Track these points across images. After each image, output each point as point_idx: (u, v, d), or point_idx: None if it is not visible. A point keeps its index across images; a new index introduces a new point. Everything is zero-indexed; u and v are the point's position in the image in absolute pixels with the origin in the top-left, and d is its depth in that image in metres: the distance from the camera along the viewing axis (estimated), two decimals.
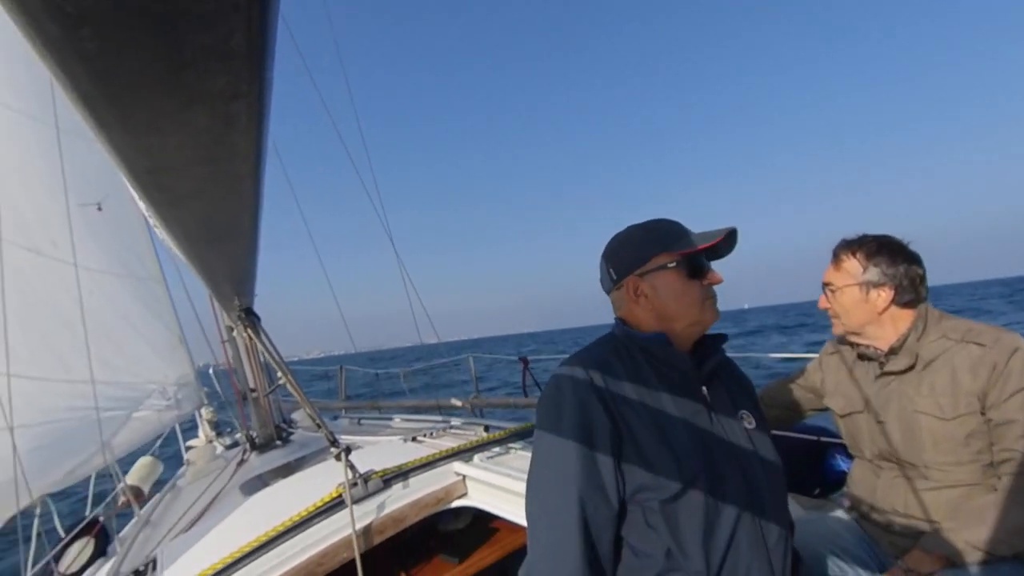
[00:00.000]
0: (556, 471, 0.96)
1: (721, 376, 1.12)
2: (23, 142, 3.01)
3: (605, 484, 0.94)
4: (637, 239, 1.09)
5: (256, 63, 0.44)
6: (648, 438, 0.95)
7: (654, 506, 0.93)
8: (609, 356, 1.05)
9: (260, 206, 0.90)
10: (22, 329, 2.87)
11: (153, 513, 3.14)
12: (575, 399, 0.98)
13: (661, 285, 1.05)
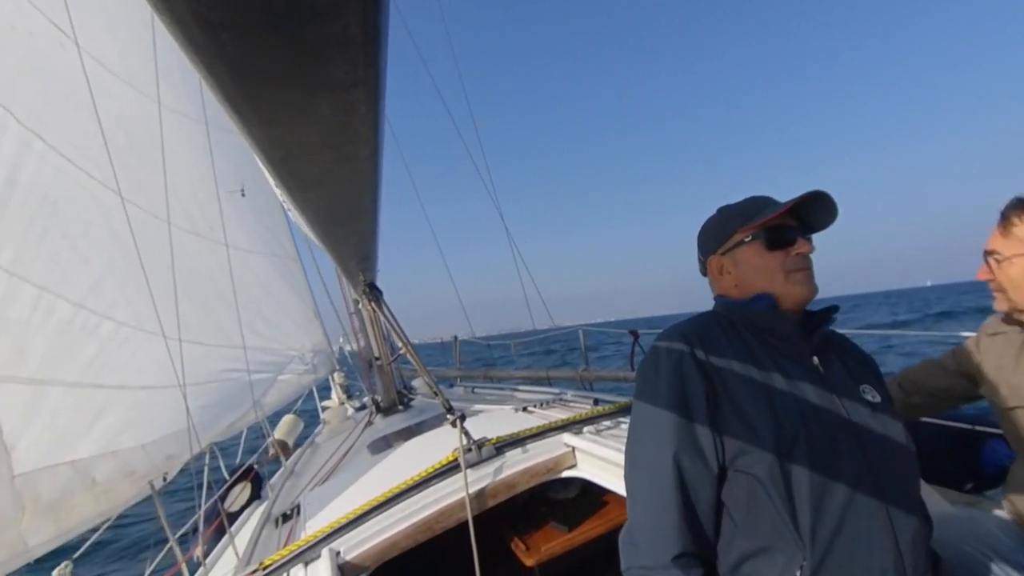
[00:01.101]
0: (652, 434, 0.96)
1: (835, 350, 1.04)
2: (182, 139, 3.43)
3: (702, 446, 0.92)
4: (720, 218, 1.08)
5: (371, 51, 0.47)
6: (748, 403, 0.92)
7: (756, 474, 0.89)
8: (709, 325, 1.03)
9: (379, 187, 0.95)
10: (189, 301, 3.32)
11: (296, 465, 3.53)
12: (670, 364, 0.97)
13: (741, 260, 1.03)
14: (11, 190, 2.14)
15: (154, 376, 2.71)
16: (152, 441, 2.57)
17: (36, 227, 2.24)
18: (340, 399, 5.12)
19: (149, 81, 2.95)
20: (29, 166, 2.23)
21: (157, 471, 2.53)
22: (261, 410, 3.66)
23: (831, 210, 0.98)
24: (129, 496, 2.36)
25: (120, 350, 2.59)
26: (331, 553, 1.55)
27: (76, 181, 2.50)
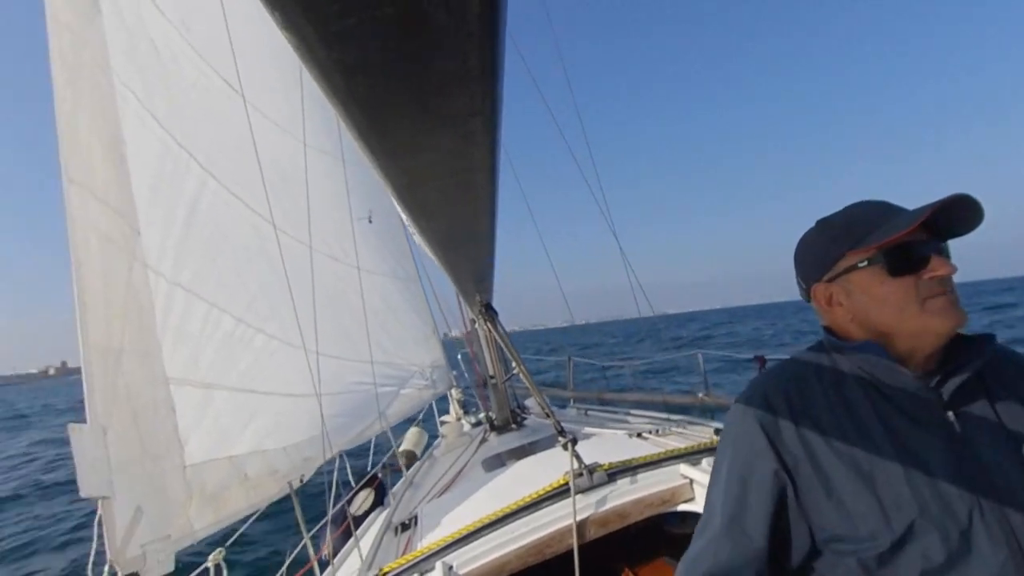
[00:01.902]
0: (710, 498, 0.88)
1: (992, 391, 0.79)
2: (323, 173, 3.84)
3: (747, 530, 0.80)
4: (819, 238, 0.87)
5: (489, 81, 0.50)
6: (845, 483, 0.76)
7: (853, 564, 0.74)
8: (805, 375, 0.86)
9: (496, 212, 1.00)
10: (327, 318, 3.65)
11: (416, 476, 3.69)
12: (739, 431, 0.85)
13: (856, 289, 0.82)
14: (192, 221, 2.52)
15: (296, 385, 3.01)
16: (292, 444, 2.85)
17: (209, 252, 2.62)
18: (457, 415, 5.30)
19: (297, 124, 3.35)
20: (205, 201, 2.63)
21: (296, 472, 2.80)
22: (385, 421, 3.90)
23: (973, 213, 0.75)
24: (273, 492, 2.62)
25: (270, 360, 2.91)
26: (444, 567, 1.61)
27: (239, 213, 2.89)
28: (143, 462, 1.95)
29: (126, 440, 1.89)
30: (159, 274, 2.25)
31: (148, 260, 2.21)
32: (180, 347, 2.30)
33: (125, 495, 1.80)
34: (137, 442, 1.95)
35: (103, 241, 1.97)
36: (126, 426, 1.91)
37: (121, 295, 2.04)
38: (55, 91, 1.82)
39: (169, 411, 2.17)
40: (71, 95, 1.89)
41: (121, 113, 2.13)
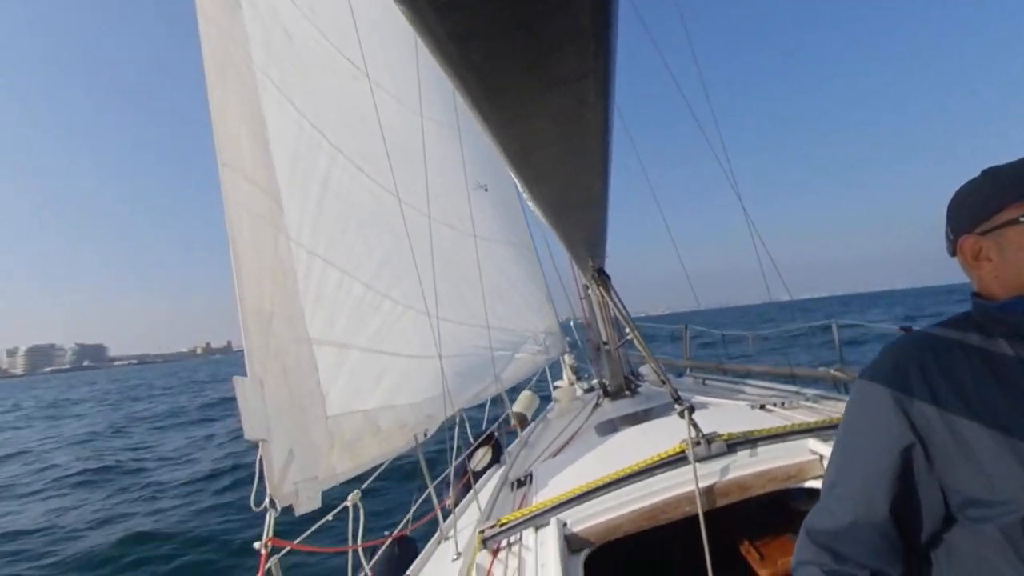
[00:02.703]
0: (834, 465, 0.88)
1: None
2: (440, 144, 3.97)
3: (871, 498, 0.79)
4: (981, 188, 0.82)
5: (602, 39, 0.49)
6: (984, 441, 0.72)
7: (991, 532, 0.70)
8: (953, 338, 0.81)
9: (609, 176, 0.98)
10: (445, 284, 3.84)
11: (530, 436, 3.82)
12: (866, 397, 0.83)
13: (1011, 247, 0.77)
14: (324, 195, 2.74)
15: (419, 347, 3.21)
16: (417, 401, 3.06)
17: (340, 224, 2.84)
18: (570, 380, 5.37)
19: (414, 97, 3.48)
20: (335, 176, 2.84)
21: (420, 427, 3.01)
22: (500, 384, 4.05)
23: None
24: (401, 444, 2.85)
25: (395, 324, 3.13)
26: (559, 523, 1.66)
27: (365, 186, 3.09)
28: (292, 412, 2.21)
29: (278, 392, 2.14)
30: (299, 245, 2.49)
31: (290, 232, 2.45)
32: (318, 311, 2.54)
33: (280, 439, 2.05)
34: (287, 394, 2.21)
35: (253, 216, 2.22)
36: (278, 380, 2.16)
37: (269, 264, 2.29)
38: (207, 84, 2.05)
39: (312, 368, 2.42)
40: (220, 86, 2.11)
41: (262, 99, 2.35)
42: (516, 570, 1.56)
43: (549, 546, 1.54)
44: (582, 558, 1.57)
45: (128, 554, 5.86)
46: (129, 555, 5.84)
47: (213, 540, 6.09)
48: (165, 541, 6.16)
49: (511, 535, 1.75)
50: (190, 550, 5.88)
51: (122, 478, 9.91)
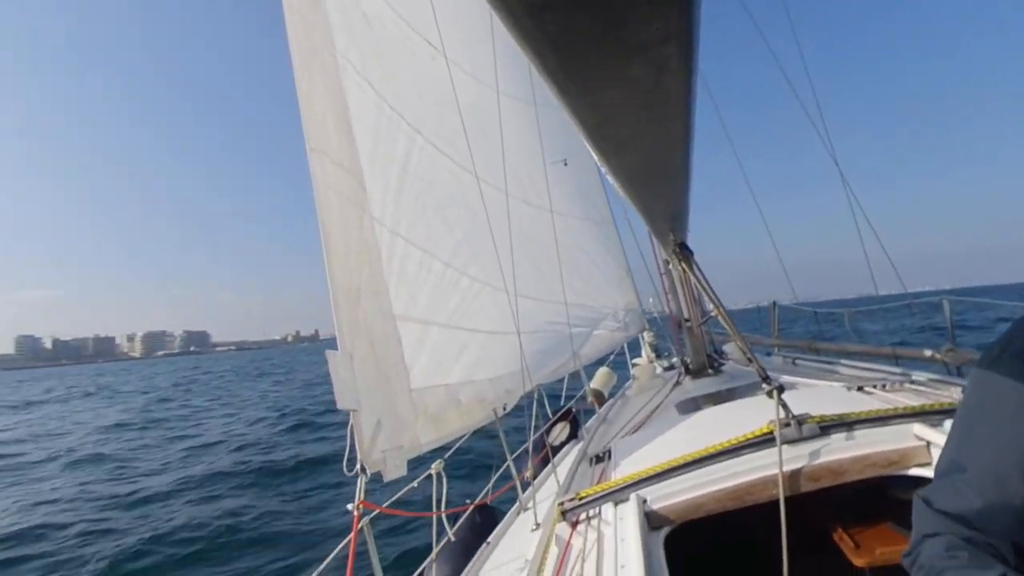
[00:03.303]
0: (953, 444, 0.83)
1: None
2: (516, 120, 3.95)
3: (1006, 483, 0.73)
4: None
5: (685, 1, 0.46)
6: None
7: None
8: None
9: (691, 146, 0.94)
10: (523, 261, 3.85)
11: (608, 413, 3.79)
12: (991, 375, 0.77)
13: None
14: (404, 176, 2.82)
15: (497, 323, 3.26)
16: (496, 376, 3.13)
17: (419, 203, 2.92)
18: (649, 357, 5.27)
19: (490, 73, 3.47)
20: (414, 157, 2.91)
21: (499, 402, 3.08)
22: (578, 360, 4.04)
23: None
24: (481, 418, 2.93)
25: (474, 301, 3.19)
26: (638, 499, 1.64)
27: (443, 165, 3.14)
28: (380, 384, 2.32)
29: (367, 365, 2.26)
30: (382, 224, 2.59)
31: (374, 212, 2.54)
32: (401, 288, 2.64)
33: (368, 409, 2.17)
34: (375, 367, 2.32)
35: (340, 198, 2.32)
36: (366, 353, 2.28)
37: (356, 243, 2.40)
38: (295, 73, 2.16)
39: (397, 342, 2.53)
40: (306, 74, 2.21)
41: (344, 84, 2.44)
42: (595, 543, 1.57)
43: (629, 521, 1.54)
44: (662, 535, 1.55)
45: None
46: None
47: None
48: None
49: (590, 509, 1.76)
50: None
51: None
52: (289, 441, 11.13)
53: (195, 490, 7.93)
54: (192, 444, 11.93)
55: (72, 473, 9.92)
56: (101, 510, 7.37)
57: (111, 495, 8.06)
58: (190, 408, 19.91)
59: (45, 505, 7.77)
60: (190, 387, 31.64)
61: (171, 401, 23.42)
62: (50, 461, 11.11)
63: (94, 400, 27.53)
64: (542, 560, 1.63)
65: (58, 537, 6.39)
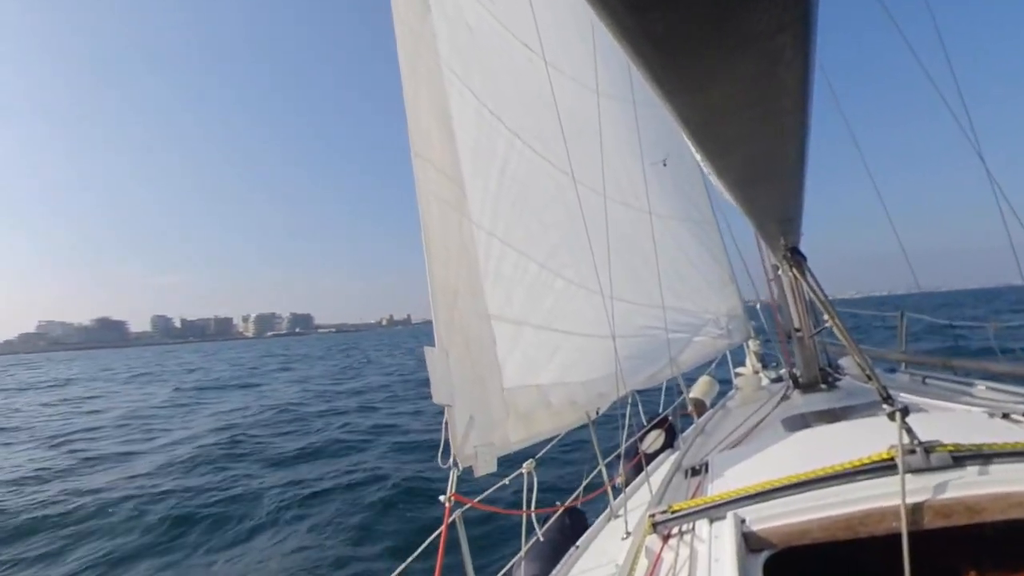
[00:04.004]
0: None
1: None
2: (615, 120, 3.89)
3: None
4: None
5: None
6: None
7: None
8: None
9: (807, 142, 0.88)
10: (619, 264, 3.79)
11: (707, 424, 3.63)
12: None
13: None
14: (502, 179, 2.88)
15: (592, 326, 3.24)
16: (589, 380, 3.10)
17: (516, 206, 2.96)
18: (754, 367, 4.97)
19: (589, 74, 3.45)
20: (513, 160, 2.96)
21: (592, 405, 3.05)
22: (676, 367, 3.90)
23: None
24: (572, 420, 2.92)
25: (569, 303, 3.19)
26: (736, 518, 1.56)
27: (540, 168, 3.17)
28: (473, 381, 2.39)
29: (462, 362, 2.34)
30: (480, 227, 2.66)
31: (472, 216, 2.63)
32: (497, 289, 2.70)
33: (462, 405, 2.25)
34: (469, 365, 2.40)
35: (440, 202, 2.42)
36: (461, 351, 2.36)
37: (455, 245, 2.49)
38: (402, 82, 2.28)
39: (491, 342, 2.60)
40: (413, 83, 2.33)
41: (447, 92, 2.54)
42: (688, 559, 1.51)
43: (725, 541, 1.47)
44: (762, 559, 1.46)
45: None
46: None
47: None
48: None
49: (683, 523, 1.70)
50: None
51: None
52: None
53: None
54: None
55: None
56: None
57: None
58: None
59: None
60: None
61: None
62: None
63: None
64: (631, 571, 1.60)
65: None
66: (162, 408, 17.24)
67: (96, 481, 8.37)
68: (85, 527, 6.45)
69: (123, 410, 17.20)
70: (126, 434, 12.69)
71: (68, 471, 9.21)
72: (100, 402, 20.48)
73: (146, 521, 6.47)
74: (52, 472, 9.13)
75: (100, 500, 7.29)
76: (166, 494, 7.38)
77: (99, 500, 7.29)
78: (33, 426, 14.71)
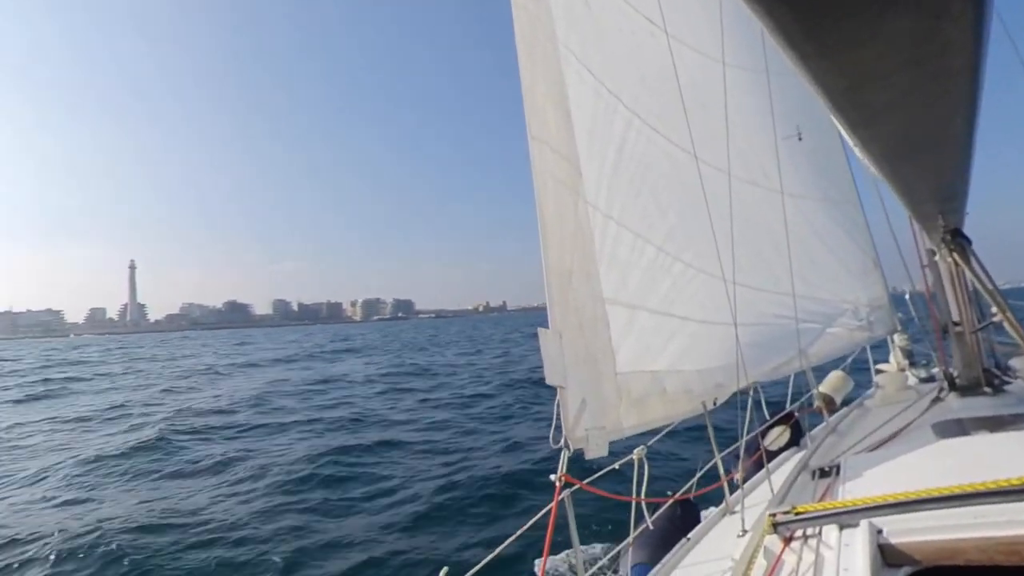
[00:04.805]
0: None
1: None
2: (742, 92, 3.61)
3: None
4: None
5: None
6: None
7: None
8: None
9: (977, 106, 0.76)
10: (743, 247, 3.56)
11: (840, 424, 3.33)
12: None
13: None
14: (620, 159, 2.81)
15: (711, 312, 3.08)
16: (706, 368, 2.97)
17: (634, 186, 2.88)
18: (899, 364, 4.45)
19: (715, 45, 3.23)
20: (631, 139, 2.87)
21: (708, 395, 2.92)
22: (806, 359, 3.61)
23: None
24: (686, 409, 2.82)
25: (686, 287, 3.06)
26: (871, 528, 1.44)
27: (659, 146, 3.05)
28: (586, 364, 2.39)
29: (575, 344, 2.35)
30: (596, 208, 2.63)
31: (588, 197, 2.60)
32: (611, 271, 2.66)
33: (574, 388, 2.26)
34: (583, 347, 2.40)
35: (556, 183, 2.42)
36: (575, 333, 2.36)
37: (570, 227, 2.48)
38: (520, 65, 2.29)
39: (604, 325, 2.57)
40: (530, 66, 2.33)
41: (564, 72, 2.51)
42: (812, 567, 1.41)
43: (857, 551, 1.35)
44: None
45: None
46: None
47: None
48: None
49: (808, 527, 1.59)
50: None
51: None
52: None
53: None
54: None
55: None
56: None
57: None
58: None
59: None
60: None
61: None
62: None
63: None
64: (747, 570, 1.53)
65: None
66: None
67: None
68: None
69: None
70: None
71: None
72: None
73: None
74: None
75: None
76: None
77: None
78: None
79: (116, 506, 6.67)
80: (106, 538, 5.55)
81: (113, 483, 7.73)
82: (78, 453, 9.40)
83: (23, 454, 9.90)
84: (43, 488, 7.64)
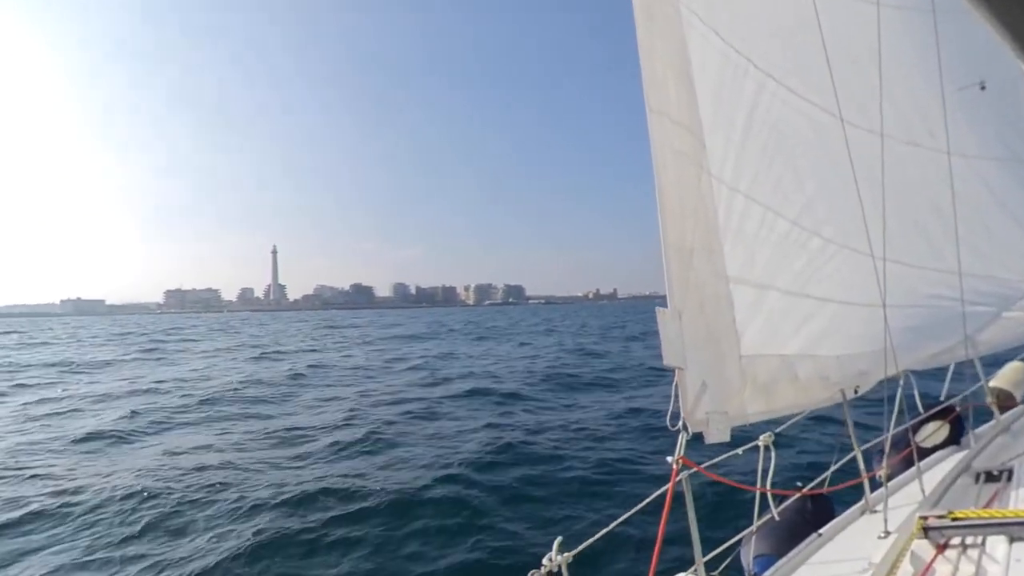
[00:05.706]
0: None
1: None
2: (901, 38, 3.12)
3: None
4: None
5: None
6: None
7: None
8: None
9: None
10: (897, 218, 3.13)
11: (1015, 423, 2.89)
12: None
13: None
14: (750, 126, 2.59)
15: (854, 292, 2.79)
16: (846, 354, 2.70)
17: (766, 156, 2.65)
18: None
19: None
20: (763, 104, 2.63)
21: (848, 382, 2.66)
22: (973, 347, 3.13)
23: None
24: (822, 398, 2.60)
25: (825, 265, 2.79)
26: None
27: (798, 110, 2.76)
28: (707, 345, 2.29)
29: (695, 325, 2.25)
30: (721, 181, 2.46)
31: (712, 169, 2.44)
32: (737, 248, 2.49)
33: (694, 369, 2.18)
34: (703, 327, 2.29)
35: (676, 155, 2.30)
36: (695, 313, 2.26)
37: (692, 201, 2.36)
38: (637, 31, 2.18)
39: (728, 305, 2.43)
40: (648, 34, 2.21)
41: (687, 36, 2.35)
42: None
43: None
44: None
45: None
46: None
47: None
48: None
49: (968, 535, 1.42)
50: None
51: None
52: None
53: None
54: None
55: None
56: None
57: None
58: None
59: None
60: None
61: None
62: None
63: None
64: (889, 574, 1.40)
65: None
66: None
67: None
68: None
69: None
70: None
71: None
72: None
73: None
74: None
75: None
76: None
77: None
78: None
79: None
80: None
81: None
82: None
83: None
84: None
